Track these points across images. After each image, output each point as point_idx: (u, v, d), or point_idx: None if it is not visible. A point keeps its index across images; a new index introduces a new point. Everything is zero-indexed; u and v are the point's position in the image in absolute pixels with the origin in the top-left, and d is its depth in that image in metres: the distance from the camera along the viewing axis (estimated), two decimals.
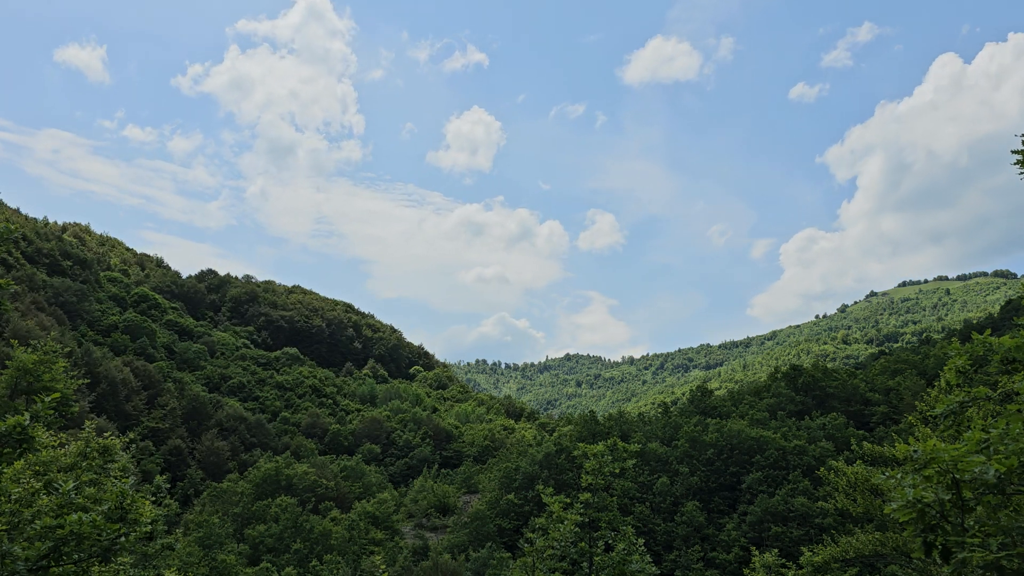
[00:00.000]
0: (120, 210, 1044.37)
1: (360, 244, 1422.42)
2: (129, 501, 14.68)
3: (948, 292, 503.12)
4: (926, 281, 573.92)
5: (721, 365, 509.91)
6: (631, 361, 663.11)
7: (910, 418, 36.17)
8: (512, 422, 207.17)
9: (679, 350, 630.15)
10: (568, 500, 16.49)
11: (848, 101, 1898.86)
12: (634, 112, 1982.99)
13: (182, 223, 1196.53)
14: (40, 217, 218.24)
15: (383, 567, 76.05)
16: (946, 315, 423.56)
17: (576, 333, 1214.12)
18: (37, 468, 15.32)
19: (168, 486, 28.21)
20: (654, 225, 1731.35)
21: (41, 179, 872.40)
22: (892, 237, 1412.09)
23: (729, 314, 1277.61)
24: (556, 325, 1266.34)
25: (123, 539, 12.13)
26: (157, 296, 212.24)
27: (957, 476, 7.87)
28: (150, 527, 15.33)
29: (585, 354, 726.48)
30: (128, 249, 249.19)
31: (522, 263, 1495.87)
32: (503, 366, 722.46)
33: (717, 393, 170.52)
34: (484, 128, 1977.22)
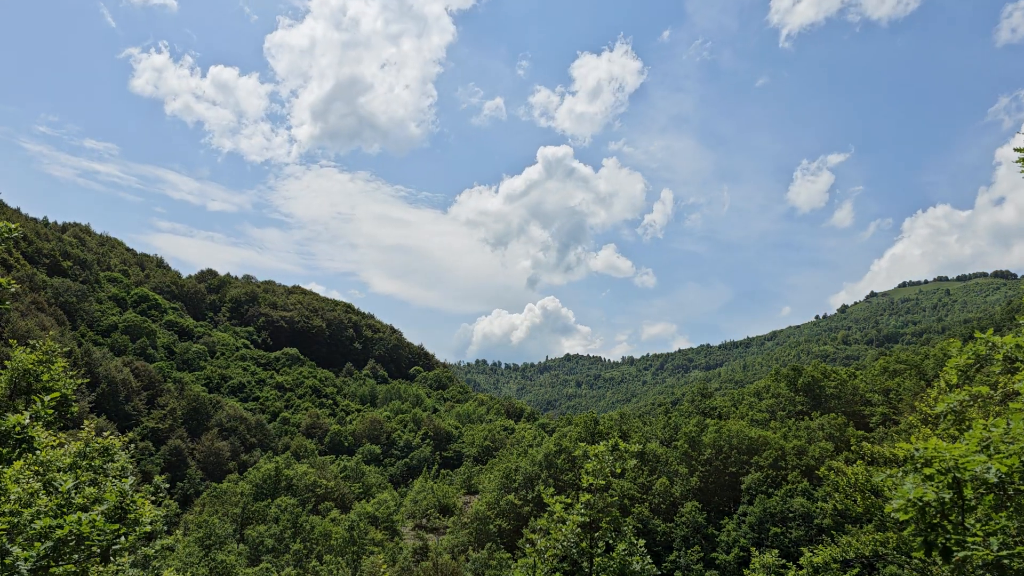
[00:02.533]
0: (129, 192, 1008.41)
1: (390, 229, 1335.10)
2: (129, 501, 14.66)
3: (948, 293, 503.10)
4: (926, 282, 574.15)
5: (721, 366, 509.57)
6: (631, 362, 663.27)
7: (910, 418, 36.20)
8: (512, 422, 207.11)
9: (679, 351, 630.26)
10: (569, 500, 16.49)
11: None
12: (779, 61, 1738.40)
13: (194, 205, 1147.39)
14: (40, 217, 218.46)
15: (384, 567, 76.05)
16: (946, 315, 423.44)
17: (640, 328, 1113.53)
18: (37, 468, 15.30)
19: (168, 486, 28.17)
20: (769, 201, 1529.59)
21: (41, 156, 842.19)
22: (1009, 222, 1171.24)
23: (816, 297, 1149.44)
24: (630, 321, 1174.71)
25: (123, 539, 12.12)
26: (157, 296, 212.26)
27: (959, 475, 7.86)
28: (150, 527, 15.32)
29: (585, 355, 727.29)
30: (128, 249, 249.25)
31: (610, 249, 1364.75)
32: (503, 366, 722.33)
33: (717, 394, 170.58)
34: (622, 69, 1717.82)
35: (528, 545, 16.31)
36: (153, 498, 25.70)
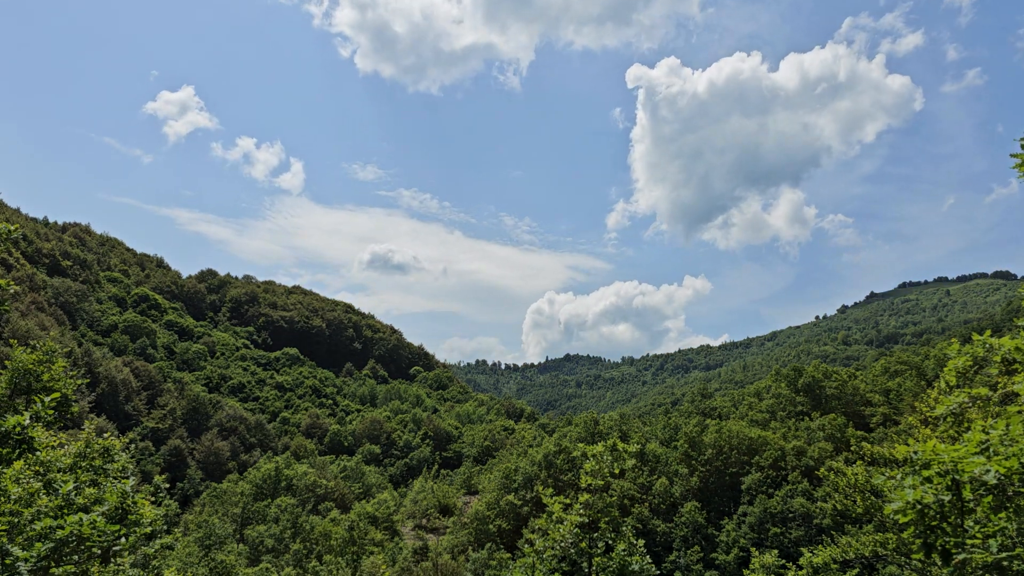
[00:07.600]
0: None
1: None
2: (129, 502, 14.66)
3: (948, 293, 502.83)
4: (926, 282, 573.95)
5: (721, 366, 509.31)
6: (631, 362, 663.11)
7: (910, 419, 36.20)
8: (512, 423, 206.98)
9: (679, 351, 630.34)
10: (568, 501, 16.50)
11: None
12: None
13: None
14: (40, 217, 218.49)
15: (384, 567, 76.05)
16: (946, 316, 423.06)
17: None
18: (37, 469, 15.31)
19: (168, 486, 28.18)
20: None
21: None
22: None
23: None
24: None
25: (123, 540, 12.12)
26: (157, 296, 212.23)
27: (957, 477, 7.86)
28: (150, 528, 15.32)
29: (585, 355, 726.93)
30: (128, 249, 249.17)
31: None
32: (503, 367, 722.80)
33: (717, 394, 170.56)
34: None
35: (527, 545, 16.32)
36: (153, 498, 25.72)
